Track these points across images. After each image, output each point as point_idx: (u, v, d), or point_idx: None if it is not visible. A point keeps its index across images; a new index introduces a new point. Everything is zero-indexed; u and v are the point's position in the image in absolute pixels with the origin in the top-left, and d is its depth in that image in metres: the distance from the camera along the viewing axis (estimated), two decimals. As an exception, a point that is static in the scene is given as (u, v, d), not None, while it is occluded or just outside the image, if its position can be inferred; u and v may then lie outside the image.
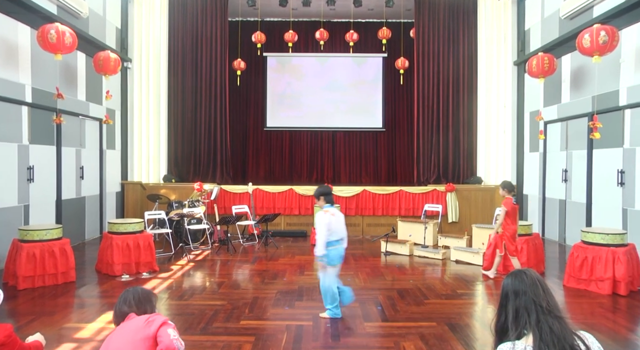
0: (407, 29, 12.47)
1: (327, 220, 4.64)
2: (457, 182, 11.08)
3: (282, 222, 10.36)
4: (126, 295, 2.43)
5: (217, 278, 6.60)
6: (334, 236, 4.72)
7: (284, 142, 14.08)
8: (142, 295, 2.45)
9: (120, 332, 2.27)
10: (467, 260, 7.50)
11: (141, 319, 2.26)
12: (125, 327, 2.28)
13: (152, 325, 2.21)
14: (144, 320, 2.24)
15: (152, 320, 2.23)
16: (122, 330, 2.28)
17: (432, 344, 4.08)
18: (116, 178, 10.60)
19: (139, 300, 2.41)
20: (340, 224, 4.81)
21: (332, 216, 4.71)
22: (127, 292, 2.46)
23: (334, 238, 4.72)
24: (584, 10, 8.21)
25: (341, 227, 4.82)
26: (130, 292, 2.45)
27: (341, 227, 4.82)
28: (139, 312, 2.36)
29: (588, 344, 1.67)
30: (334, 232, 4.70)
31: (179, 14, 11.42)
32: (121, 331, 2.27)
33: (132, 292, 2.44)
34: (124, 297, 2.42)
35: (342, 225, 4.85)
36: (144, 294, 2.46)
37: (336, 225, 4.74)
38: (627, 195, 7.23)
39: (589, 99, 8.14)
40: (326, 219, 4.64)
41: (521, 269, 1.88)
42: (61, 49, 6.69)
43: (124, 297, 2.43)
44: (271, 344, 4.08)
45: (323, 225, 4.61)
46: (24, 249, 5.77)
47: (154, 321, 2.23)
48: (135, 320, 2.28)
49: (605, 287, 5.64)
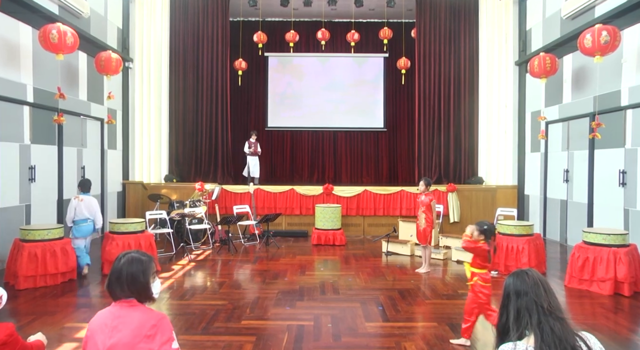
0: (408, 29, 12.47)
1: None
2: (458, 182, 11.07)
3: (283, 222, 10.36)
4: (119, 274, 2.09)
5: (218, 278, 6.60)
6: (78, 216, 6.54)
7: (285, 142, 14.09)
8: (139, 281, 2.10)
9: (117, 329, 2.02)
10: (469, 260, 7.47)
11: (143, 324, 2.01)
12: (121, 322, 2.03)
13: (156, 339, 1.99)
14: (147, 326, 2.01)
15: (155, 333, 2.00)
16: (118, 325, 2.02)
17: (433, 344, 4.08)
18: (117, 178, 10.61)
19: (137, 289, 2.10)
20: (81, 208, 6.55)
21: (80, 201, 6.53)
22: (122, 268, 2.10)
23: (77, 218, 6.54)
24: (586, 10, 8.20)
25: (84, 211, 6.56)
26: (125, 269, 2.09)
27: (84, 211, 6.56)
28: (134, 297, 2.10)
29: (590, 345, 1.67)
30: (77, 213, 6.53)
31: (180, 14, 11.43)
32: (117, 327, 2.02)
33: (129, 272, 2.09)
34: (117, 275, 2.09)
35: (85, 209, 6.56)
36: (141, 280, 2.11)
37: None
38: (628, 195, 7.22)
39: (590, 99, 8.12)
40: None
41: (523, 269, 1.88)
42: (63, 49, 6.70)
43: (117, 273, 2.09)
44: (272, 343, 4.08)
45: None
46: (25, 249, 5.78)
47: (157, 334, 2.00)
48: (136, 321, 2.02)
49: (607, 287, 5.63)
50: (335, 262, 7.62)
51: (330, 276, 6.61)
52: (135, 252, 2.20)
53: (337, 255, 8.18)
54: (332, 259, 7.89)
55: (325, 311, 4.98)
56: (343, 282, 6.22)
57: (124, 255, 2.18)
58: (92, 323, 2.14)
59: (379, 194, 10.44)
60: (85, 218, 6.58)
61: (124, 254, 2.19)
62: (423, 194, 6.93)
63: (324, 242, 9.08)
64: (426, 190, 6.91)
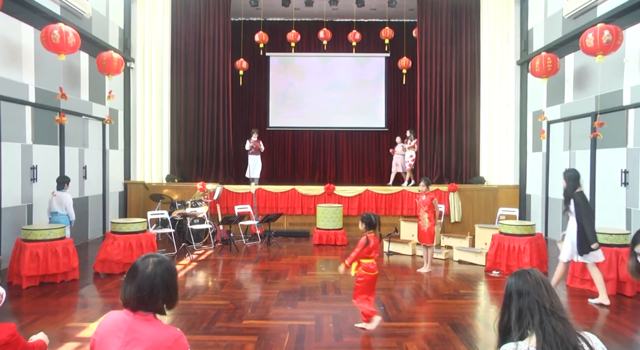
0: (410, 29, 12.46)
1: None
2: (459, 182, 11.06)
3: (284, 222, 10.36)
4: (141, 283, 1.87)
5: (219, 278, 6.61)
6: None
7: (286, 142, 14.10)
8: (175, 291, 1.94)
9: (130, 345, 1.86)
10: (470, 260, 7.49)
11: (159, 345, 1.85)
12: (135, 338, 1.86)
13: None
14: (163, 348, 1.85)
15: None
16: (132, 341, 1.86)
17: (435, 344, 4.07)
18: (119, 178, 10.62)
19: (171, 300, 1.93)
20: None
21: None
22: (144, 277, 1.88)
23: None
24: (588, 10, 8.18)
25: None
26: (147, 279, 1.87)
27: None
28: (158, 310, 1.94)
29: (592, 345, 1.66)
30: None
31: (181, 14, 11.44)
32: (131, 342, 1.86)
33: (150, 283, 1.87)
34: (139, 285, 1.87)
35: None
36: (176, 291, 1.95)
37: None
38: (630, 195, 7.20)
39: (592, 99, 8.11)
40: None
41: (525, 269, 1.88)
42: (64, 49, 6.71)
43: (139, 283, 1.87)
44: (274, 343, 4.08)
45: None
46: (27, 249, 5.79)
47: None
48: (151, 340, 1.86)
49: (609, 287, 5.61)
50: (336, 262, 7.61)
51: (331, 276, 6.61)
52: (162, 257, 1.99)
53: (339, 255, 8.18)
54: (334, 258, 7.89)
55: (326, 311, 4.98)
56: (344, 282, 6.21)
57: (151, 262, 1.93)
58: (102, 327, 1.97)
59: (380, 193, 10.43)
60: (56, 211, 6.99)
61: (149, 259, 1.94)
62: (424, 194, 6.93)
63: (325, 242, 9.08)
64: (427, 190, 6.92)
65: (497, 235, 6.98)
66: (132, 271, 1.93)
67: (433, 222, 6.84)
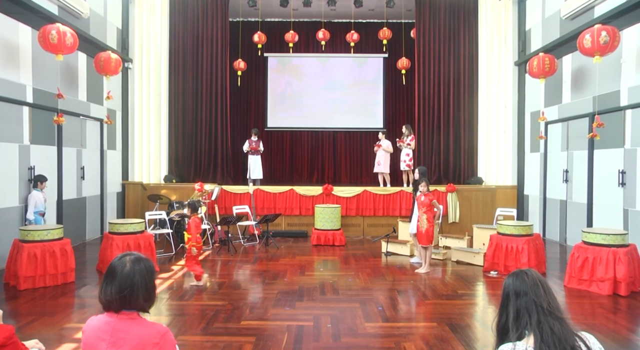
0: (408, 29, 12.47)
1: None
2: (457, 182, 11.07)
3: (282, 223, 10.36)
4: (132, 285, 1.87)
5: (217, 278, 6.60)
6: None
7: (284, 143, 14.09)
8: (154, 290, 1.95)
9: (116, 345, 1.86)
10: (468, 260, 7.50)
11: (145, 342, 1.86)
12: (121, 338, 1.86)
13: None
14: (149, 344, 1.86)
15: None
16: (117, 341, 1.86)
17: (433, 345, 4.08)
18: (117, 178, 10.60)
19: (150, 299, 1.94)
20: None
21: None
22: (123, 276, 1.88)
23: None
24: (585, 11, 8.20)
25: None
26: (127, 277, 1.87)
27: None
28: (139, 308, 1.93)
29: (589, 345, 1.67)
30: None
31: (179, 14, 11.43)
32: (117, 343, 1.86)
33: (130, 281, 1.87)
34: (130, 286, 1.87)
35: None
36: (154, 289, 1.96)
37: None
38: (628, 195, 7.23)
39: (589, 100, 8.13)
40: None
41: (523, 269, 1.88)
42: (62, 49, 6.70)
43: (119, 283, 1.87)
44: (272, 344, 4.08)
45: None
46: (24, 249, 5.77)
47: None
48: (138, 338, 1.87)
49: (606, 287, 5.63)
50: (334, 263, 7.62)
51: (329, 276, 6.61)
52: (138, 255, 1.98)
53: (337, 255, 8.18)
54: (332, 259, 7.89)
55: (324, 311, 4.97)
56: (343, 283, 6.21)
57: (128, 260, 1.93)
58: (87, 335, 1.95)
59: (378, 194, 10.44)
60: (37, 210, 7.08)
61: (126, 258, 1.94)
62: (423, 195, 6.94)
63: (323, 242, 9.08)
64: (427, 191, 6.93)
65: (495, 236, 6.99)
66: (110, 272, 1.92)
67: (431, 223, 6.85)
